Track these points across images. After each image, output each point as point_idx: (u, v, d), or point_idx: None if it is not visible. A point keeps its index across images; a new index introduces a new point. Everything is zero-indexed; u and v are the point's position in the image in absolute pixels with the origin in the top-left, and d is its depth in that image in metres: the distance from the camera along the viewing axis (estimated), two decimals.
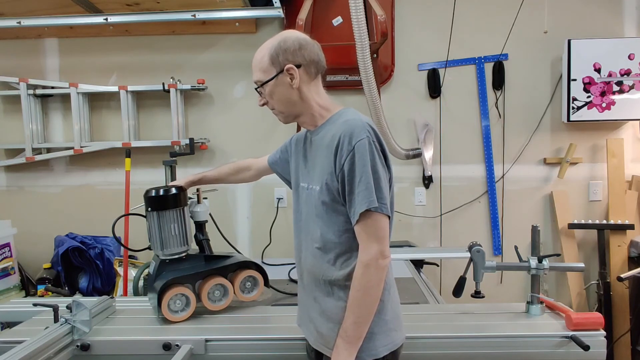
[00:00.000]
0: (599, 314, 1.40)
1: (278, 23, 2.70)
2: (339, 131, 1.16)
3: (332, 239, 1.19)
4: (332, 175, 1.16)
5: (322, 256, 1.21)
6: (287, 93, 1.24)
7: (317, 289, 1.23)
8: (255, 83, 1.26)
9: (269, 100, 1.26)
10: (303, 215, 1.30)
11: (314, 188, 1.22)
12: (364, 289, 1.12)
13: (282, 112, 1.28)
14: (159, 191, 1.56)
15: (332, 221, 1.19)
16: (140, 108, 2.77)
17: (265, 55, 1.27)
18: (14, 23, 2.43)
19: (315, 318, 1.24)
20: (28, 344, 1.23)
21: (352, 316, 1.13)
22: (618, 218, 2.59)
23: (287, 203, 2.77)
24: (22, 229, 2.66)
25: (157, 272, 1.57)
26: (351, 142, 1.12)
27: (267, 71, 1.25)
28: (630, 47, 2.52)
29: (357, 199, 1.11)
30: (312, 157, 1.28)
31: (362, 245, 1.14)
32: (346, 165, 1.13)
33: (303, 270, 1.30)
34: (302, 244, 1.31)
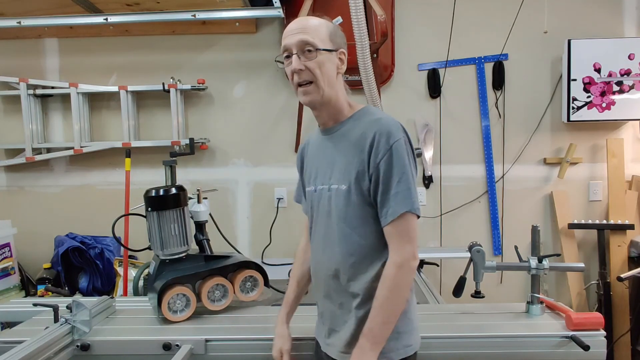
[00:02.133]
0: (599, 314, 1.41)
1: (278, 23, 2.70)
2: (371, 129, 1.14)
3: (357, 240, 1.16)
4: (363, 174, 1.13)
5: (347, 259, 1.17)
6: (333, 73, 1.18)
7: (343, 294, 1.19)
8: (307, 44, 1.14)
9: (314, 69, 1.15)
10: (322, 218, 1.23)
11: (339, 188, 1.17)
12: (395, 289, 1.11)
13: (321, 88, 1.16)
14: (159, 191, 1.56)
15: (358, 222, 1.16)
16: (140, 108, 2.77)
17: (322, 26, 1.19)
18: (14, 23, 2.43)
19: (341, 325, 1.20)
20: (28, 344, 1.23)
21: (380, 316, 1.11)
22: (618, 218, 2.59)
23: (287, 203, 2.77)
24: (22, 229, 2.66)
25: (157, 272, 1.57)
26: (388, 142, 1.11)
27: (325, 41, 1.17)
28: (630, 47, 2.52)
29: (394, 199, 1.10)
30: (332, 155, 1.22)
31: (394, 245, 1.12)
32: (382, 165, 1.11)
33: (323, 275, 1.24)
34: (322, 249, 1.24)
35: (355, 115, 1.22)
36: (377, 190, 1.13)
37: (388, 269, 1.12)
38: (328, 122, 1.24)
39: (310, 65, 1.14)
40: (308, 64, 1.14)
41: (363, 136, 1.14)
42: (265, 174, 2.79)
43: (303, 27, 1.16)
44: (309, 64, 1.14)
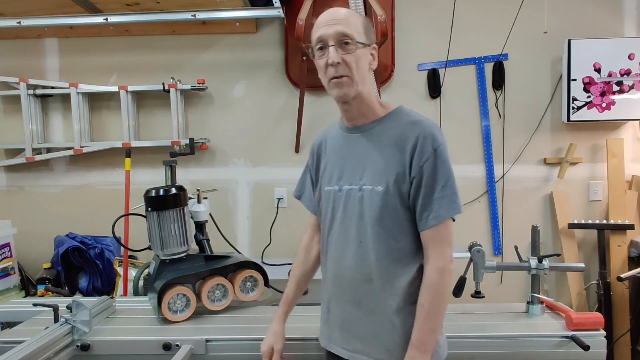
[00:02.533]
0: (599, 314, 1.41)
1: (278, 23, 2.70)
2: (412, 130, 1.12)
3: (393, 243, 1.13)
4: (403, 176, 1.11)
5: (382, 263, 1.14)
6: (366, 68, 1.15)
7: (376, 300, 1.15)
8: (345, 36, 1.10)
9: (351, 63, 1.11)
10: (350, 219, 1.18)
11: (374, 189, 1.13)
12: (441, 295, 1.10)
13: (355, 83, 1.12)
14: (159, 191, 1.56)
15: (394, 225, 1.13)
16: (140, 108, 2.77)
17: (358, 19, 1.14)
18: (14, 23, 2.43)
19: (372, 332, 1.16)
20: (28, 344, 1.23)
21: (429, 324, 1.10)
22: (618, 218, 2.59)
23: (287, 203, 2.77)
24: (22, 229, 2.66)
25: (157, 272, 1.57)
26: (433, 145, 1.10)
27: (361, 34, 1.13)
28: (630, 47, 2.52)
29: (438, 203, 1.09)
30: (362, 155, 1.18)
31: (435, 250, 1.11)
32: (426, 168, 1.09)
33: (351, 280, 1.18)
34: (349, 252, 1.18)
35: (390, 115, 1.18)
36: (418, 194, 1.11)
37: (431, 275, 1.10)
38: (357, 118, 1.19)
39: (348, 59, 1.10)
40: (346, 57, 1.10)
41: (403, 137, 1.12)
42: (265, 174, 2.79)
43: (340, 18, 1.12)
44: (347, 58, 1.10)
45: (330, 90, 1.15)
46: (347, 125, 1.23)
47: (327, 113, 2.74)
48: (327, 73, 1.13)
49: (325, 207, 1.25)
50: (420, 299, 1.11)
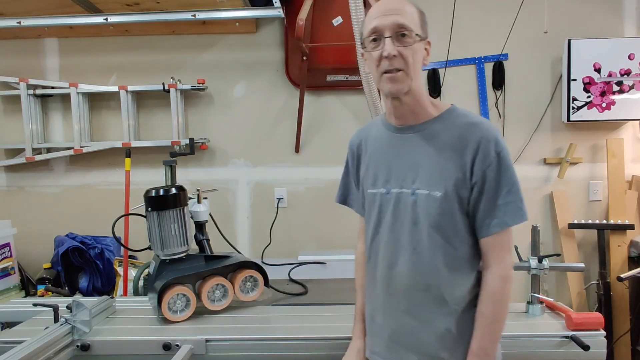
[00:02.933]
0: (599, 314, 1.40)
1: (278, 23, 2.70)
2: (471, 133, 1.06)
3: (451, 251, 1.09)
4: (463, 181, 1.06)
5: (441, 271, 1.09)
6: (420, 63, 1.09)
7: (434, 310, 1.10)
8: (403, 27, 1.04)
9: (407, 57, 1.05)
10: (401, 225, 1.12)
11: (430, 193, 1.08)
12: (503, 303, 1.08)
13: (410, 78, 1.06)
14: (159, 191, 1.56)
15: (452, 231, 1.08)
16: (140, 108, 2.77)
17: (415, 11, 1.09)
18: (14, 23, 2.43)
19: (428, 343, 1.11)
20: (28, 344, 1.23)
21: (491, 333, 1.07)
22: (618, 218, 2.59)
23: (287, 203, 2.77)
24: (22, 229, 2.66)
25: (157, 272, 1.57)
26: (496, 149, 1.05)
27: (417, 27, 1.07)
28: (630, 47, 2.52)
29: (502, 210, 1.05)
30: (414, 156, 1.11)
31: (496, 257, 1.08)
32: (490, 173, 1.04)
33: (405, 289, 1.12)
34: (401, 260, 1.12)
35: (444, 115, 1.12)
36: (479, 200, 1.06)
37: (494, 283, 1.07)
38: (408, 117, 1.13)
39: (405, 52, 1.04)
40: (403, 50, 1.04)
41: (462, 139, 1.06)
42: (265, 174, 2.79)
43: (398, 9, 1.05)
44: (404, 51, 1.04)
45: (381, 85, 1.09)
46: (395, 124, 1.16)
47: (327, 113, 2.74)
48: (380, 66, 1.06)
49: (369, 211, 1.19)
50: (482, 307, 1.08)
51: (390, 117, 1.17)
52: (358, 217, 1.35)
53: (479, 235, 1.10)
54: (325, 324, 1.46)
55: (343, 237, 2.71)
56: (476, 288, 1.12)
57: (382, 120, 1.22)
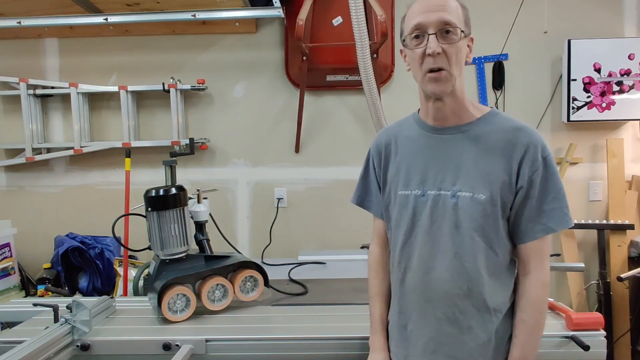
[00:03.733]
0: (599, 314, 1.40)
1: (278, 23, 2.70)
2: (518, 137, 1.05)
3: (492, 255, 1.06)
4: (509, 185, 1.04)
5: (484, 276, 1.06)
6: (463, 61, 1.06)
7: (475, 316, 1.07)
8: (448, 24, 1.02)
9: (451, 55, 1.02)
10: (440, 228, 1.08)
11: (474, 196, 1.05)
12: (544, 310, 1.08)
13: (454, 77, 1.04)
14: (159, 191, 1.56)
15: (494, 236, 1.06)
16: (140, 108, 2.77)
17: (458, 6, 1.06)
18: (14, 23, 2.43)
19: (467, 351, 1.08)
20: (28, 344, 1.23)
21: (533, 341, 1.06)
22: (618, 218, 2.59)
23: (287, 203, 2.77)
24: (22, 229, 2.66)
25: (157, 272, 1.57)
26: (542, 154, 1.04)
27: (461, 23, 1.04)
28: (630, 47, 2.52)
29: (548, 216, 1.04)
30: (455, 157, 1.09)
31: (537, 263, 1.07)
32: (536, 178, 1.03)
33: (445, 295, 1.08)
34: (440, 265, 1.08)
35: (487, 117, 1.10)
36: (524, 204, 1.05)
37: (535, 290, 1.06)
38: (450, 117, 1.10)
39: (450, 50, 1.01)
40: (447, 48, 1.01)
41: (508, 143, 1.05)
42: (265, 174, 2.79)
43: (442, 5, 1.02)
44: (448, 49, 1.01)
45: (424, 85, 1.07)
46: (433, 125, 1.13)
47: (327, 113, 2.74)
48: (423, 65, 1.04)
49: (400, 213, 1.14)
50: (522, 315, 1.07)
51: (428, 117, 1.15)
52: (372, 219, 1.32)
53: (519, 241, 1.08)
54: (325, 324, 1.45)
55: (343, 237, 2.71)
56: (513, 295, 1.11)
57: (416, 120, 1.19)
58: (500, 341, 1.10)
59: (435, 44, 1.00)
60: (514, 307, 1.11)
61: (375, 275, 1.27)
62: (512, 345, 1.08)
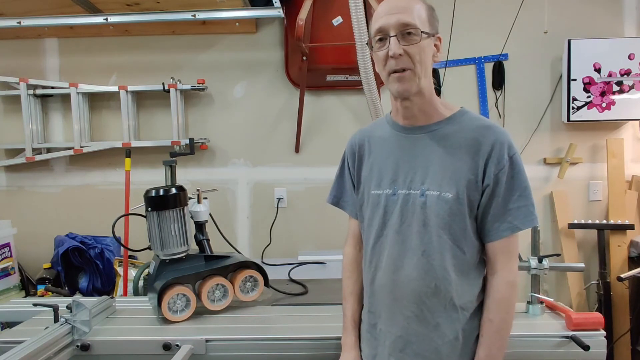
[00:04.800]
0: (599, 314, 1.40)
1: (278, 23, 2.70)
2: (485, 135, 1.06)
3: (459, 254, 1.07)
4: (475, 183, 1.05)
5: (451, 274, 1.06)
6: (430, 61, 1.08)
7: (443, 313, 1.07)
8: (408, 26, 1.03)
9: (414, 55, 1.03)
10: (409, 227, 1.09)
11: (441, 195, 1.05)
12: (511, 310, 1.07)
13: (418, 76, 1.05)
14: (159, 191, 1.56)
15: (462, 234, 1.06)
16: (140, 108, 2.77)
17: (421, 7, 1.07)
18: (14, 23, 2.43)
19: (435, 349, 1.08)
20: (28, 344, 1.23)
21: (499, 341, 1.06)
22: (618, 218, 2.59)
23: (287, 203, 2.77)
24: (22, 229, 2.65)
25: (157, 272, 1.57)
26: (509, 152, 1.05)
27: (425, 24, 1.06)
28: (630, 47, 2.52)
29: (514, 214, 1.05)
30: (424, 157, 1.09)
31: (504, 262, 1.07)
32: (502, 177, 1.04)
33: (413, 293, 1.09)
34: (409, 263, 1.09)
35: (456, 116, 1.12)
36: (490, 203, 1.05)
37: (502, 290, 1.06)
38: (418, 117, 1.11)
39: (411, 50, 1.03)
40: (409, 49, 1.03)
41: (475, 142, 1.06)
42: (265, 174, 2.79)
43: (403, 7, 1.04)
44: (410, 49, 1.03)
45: (389, 85, 1.08)
46: (404, 125, 1.14)
47: (327, 113, 2.74)
48: (386, 66, 1.05)
49: (372, 213, 1.15)
50: (489, 315, 1.07)
51: (398, 117, 1.16)
52: (348, 220, 1.33)
53: (486, 240, 1.09)
54: (325, 324, 1.45)
55: (343, 237, 2.69)
56: (482, 294, 1.12)
57: (388, 121, 1.21)
58: (468, 340, 1.10)
59: (395, 46, 1.02)
60: None
61: (349, 275, 1.28)
62: (479, 344, 1.08)
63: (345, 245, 1.33)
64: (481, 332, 1.09)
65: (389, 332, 1.12)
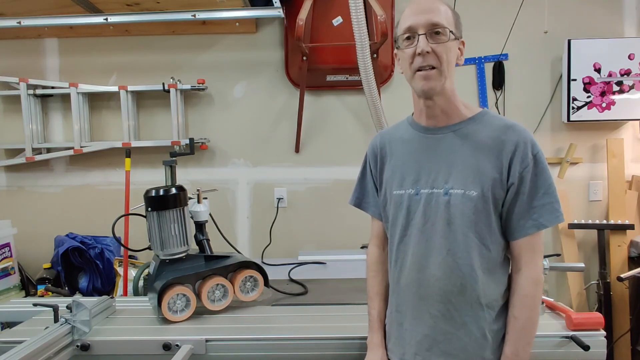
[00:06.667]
0: (599, 314, 1.40)
1: (278, 23, 2.70)
2: (508, 134, 1.08)
3: (485, 252, 1.08)
4: (500, 182, 1.06)
5: (477, 273, 1.07)
6: (454, 63, 1.10)
7: (470, 312, 1.08)
8: (437, 25, 1.05)
9: (441, 54, 1.05)
10: (433, 226, 1.10)
11: (466, 193, 1.06)
12: (536, 307, 1.08)
13: (443, 76, 1.07)
14: (159, 191, 1.56)
15: (487, 232, 1.07)
16: (140, 108, 2.77)
17: (448, 10, 1.10)
18: (14, 23, 2.43)
19: (461, 348, 1.09)
20: (28, 344, 1.23)
21: (525, 338, 1.07)
22: (618, 218, 2.59)
23: (287, 203, 2.77)
24: (22, 229, 2.66)
25: (157, 272, 1.57)
26: (533, 151, 1.08)
27: (451, 26, 1.08)
28: (630, 47, 2.52)
29: (539, 211, 1.06)
30: (447, 156, 1.11)
31: (529, 259, 1.08)
32: (527, 175, 1.06)
33: (439, 292, 1.09)
34: (433, 262, 1.10)
35: (477, 117, 1.14)
36: (515, 201, 1.07)
37: (527, 287, 1.07)
38: (440, 117, 1.13)
39: (439, 49, 1.05)
40: (436, 47, 1.05)
41: (498, 141, 1.08)
42: (265, 174, 2.79)
43: (432, 8, 1.07)
44: (437, 48, 1.05)
45: (414, 83, 1.09)
46: (426, 125, 1.16)
47: (327, 113, 2.74)
48: (413, 63, 1.07)
49: (396, 213, 1.16)
50: (514, 312, 1.08)
51: (421, 118, 1.18)
52: (370, 220, 1.34)
53: (511, 237, 1.09)
54: (325, 323, 1.46)
55: (343, 237, 2.71)
56: (507, 292, 1.12)
57: (410, 122, 1.22)
58: (495, 338, 1.10)
59: (424, 43, 1.05)
60: None
61: (374, 275, 1.29)
62: (505, 342, 1.09)
63: (370, 245, 1.34)
64: (507, 329, 1.09)
65: (415, 331, 1.13)
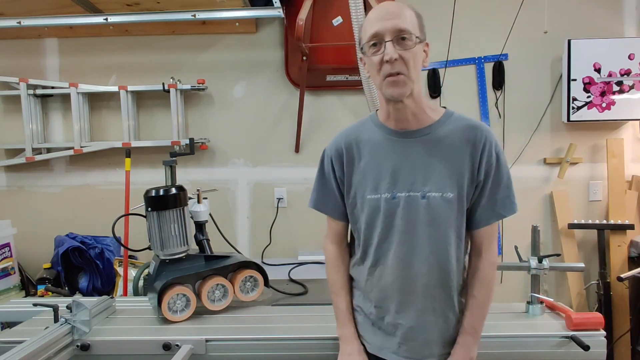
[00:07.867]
0: (599, 314, 1.40)
1: (278, 23, 2.70)
2: (476, 134, 1.14)
3: (460, 245, 1.18)
4: (472, 181, 1.14)
5: (456, 267, 1.17)
6: (420, 66, 1.11)
7: (449, 303, 1.19)
8: (403, 31, 1.05)
9: (408, 60, 1.06)
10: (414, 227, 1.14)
11: (444, 195, 1.12)
12: (493, 286, 1.19)
13: (411, 81, 1.08)
14: (159, 191, 1.56)
15: (462, 227, 1.17)
16: (140, 108, 2.77)
17: (412, 14, 1.09)
18: (14, 23, 2.43)
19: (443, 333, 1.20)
20: (28, 344, 1.23)
21: (482, 313, 1.19)
22: (618, 218, 2.59)
23: (287, 203, 2.77)
24: (22, 229, 2.66)
25: (157, 272, 1.57)
26: (496, 150, 1.15)
27: (416, 30, 1.08)
28: (630, 47, 2.52)
29: (501, 203, 1.16)
30: (422, 160, 1.14)
31: (487, 246, 1.19)
32: (490, 171, 1.14)
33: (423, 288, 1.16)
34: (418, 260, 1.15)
35: (443, 119, 1.17)
36: (482, 195, 1.16)
37: (486, 270, 1.18)
38: (410, 121, 1.15)
39: (406, 55, 1.05)
40: (403, 54, 1.05)
41: (468, 142, 1.13)
42: (265, 174, 2.79)
43: (396, 13, 1.06)
44: (405, 54, 1.05)
45: (384, 90, 1.10)
46: (396, 129, 1.17)
47: (327, 113, 2.74)
48: (381, 70, 1.07)
49: (371, 216, 1.18)
50: (474, 291, 1.18)
51: (389, 121, 1.18)
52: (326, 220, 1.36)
53: (475, 227, 1.19)
54: (325, 324, 1.45)
55: None
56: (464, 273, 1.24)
57: (376, 124, 1.21)
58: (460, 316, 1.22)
59: (392, 51, 1.05)
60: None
61: (336, 271, 1.32)
62: (464, 317, 1.20)
63: (326, 242, 1.36)
64: (466, 306, 1.20)
65: (399, 325, 1.20)
